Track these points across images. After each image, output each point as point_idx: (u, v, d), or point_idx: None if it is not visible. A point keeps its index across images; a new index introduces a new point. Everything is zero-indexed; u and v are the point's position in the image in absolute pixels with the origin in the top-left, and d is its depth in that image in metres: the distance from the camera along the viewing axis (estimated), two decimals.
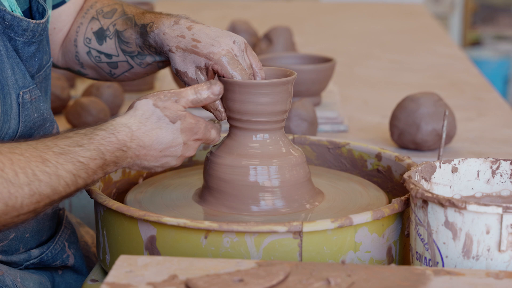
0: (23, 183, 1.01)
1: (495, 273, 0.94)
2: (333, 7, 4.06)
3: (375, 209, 1.11)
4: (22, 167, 1.01)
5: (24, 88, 1.16)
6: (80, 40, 1.35)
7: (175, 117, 1.14)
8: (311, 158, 1.45)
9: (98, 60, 1.35)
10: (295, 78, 1.23)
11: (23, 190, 1.01)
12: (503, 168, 1.15)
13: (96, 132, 1.09)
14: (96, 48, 1.34)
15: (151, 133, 1.12)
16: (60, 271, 1.33)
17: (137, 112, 1.13)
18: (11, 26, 1.14)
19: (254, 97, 1.20)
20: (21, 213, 1.02)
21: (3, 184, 0.99)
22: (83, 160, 1.06)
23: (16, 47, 1.16)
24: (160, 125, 1.13)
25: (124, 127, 1.11)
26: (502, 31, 5.70)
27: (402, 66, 2.63)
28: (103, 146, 1.08)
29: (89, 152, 1.07)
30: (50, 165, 1.03)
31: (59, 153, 1.05)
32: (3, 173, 0.99)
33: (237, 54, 1.22)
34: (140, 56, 1.31)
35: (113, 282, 0.91)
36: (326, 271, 0.94)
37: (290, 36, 2.24)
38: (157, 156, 1.14)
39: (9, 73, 1.14)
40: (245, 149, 1.22)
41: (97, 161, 1.08)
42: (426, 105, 1.65)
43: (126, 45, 1.31)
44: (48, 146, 1.05)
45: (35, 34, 1.18)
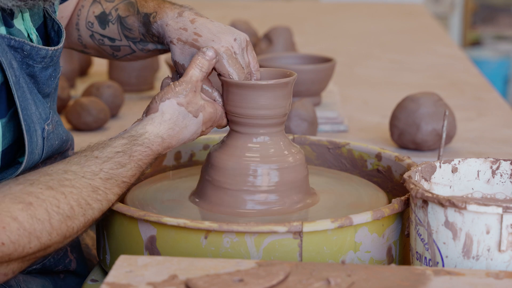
0: (79, 214, 1.03)
1: (495, 273, 0.94)
2: (333, 7, 4.06)
3: (375, 209, 1.11)
4: (75, 199, 1.03)
5: (47, 120, 1.17)
6: (82, 24, 1.36)
7: (197, 110, 1.17)
8: (311, 158, 1.45)
9: (101, 43, 1.35)
10: (295, 79, 1.23)
11: (79, 220, 1.03)
12: (503, 168, 1.15)
13: (134, 149, 1.12)
14: (99, 32, 1.34)
15: (178, 135, 1.16)
16: (62, 275, 1.33)
17: (164, 117, 1.15)
18: (30, 55, 1.13)
19: (254, 97, 1.20)
20: (74, 237, 1.05)
21: (61, 221, 1.00)
22: (126, 180, 1.11)
23: (34, 73, 1.15)
24: (186, 123, 1.17)
25: (157, 137, 1.15)
26: (502, 31, 5.70)
27: (402, 66, 2.63)
28: (141, 161, 1.13)
29: (131, 171, 1.11)
30: (101, 192, 1.07)
31: (106, 179, 1.08)
32: (60, 209, 1.01)
33: (237, 52, 1.22)
34: (142, 43, 1.31)
35: (113, 282, 0.91)
36: (326, 271, 0.94)
37: (290, 36, 2.24)
38: (177, 146, 1.19)
39: (33, 109, 1.13)
40: (246, 149, 1.22)
41: (137, 175, 1.13)
42: (426, 105, 1.65)
43: (129, 32, 1.31)
44: (94, 172, 1.07)
45: (53, 59, 1.18)
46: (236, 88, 1.20)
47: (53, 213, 0.99)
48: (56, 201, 1.00)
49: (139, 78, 2.16)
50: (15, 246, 0.96)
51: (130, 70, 2.14)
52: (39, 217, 0.98)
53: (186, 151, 1.47)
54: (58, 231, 1.00)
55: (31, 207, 0.98)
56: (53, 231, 1.00)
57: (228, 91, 1.21)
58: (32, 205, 0.98)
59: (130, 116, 1.97)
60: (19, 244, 0.96)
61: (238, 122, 1.23)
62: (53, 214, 0.99)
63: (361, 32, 3.32)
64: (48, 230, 0.99)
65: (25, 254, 0.98)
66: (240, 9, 3.76)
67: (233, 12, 3.52)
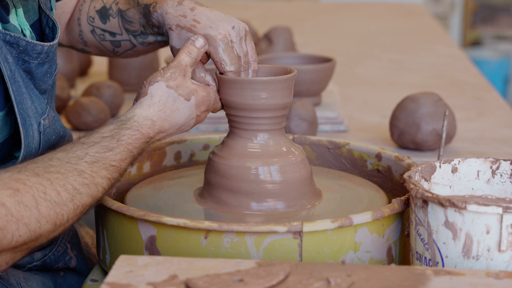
0: (67, 200, 1.02)
1: (495, 273, 0.94)
2: (333, 7, 4.06)
3: (375, 209, 1.11)
4: (62, 184, 1.02)
5: (43, 114, 1.17)
6: (83, 19, 1.36)
7: (188, 93, 1.17)
8: (311, 158, 1.45)
9: (102, 38, 1.35)
10: (295, 75, 1.23)
11: (67, 207, 1.02)
12: (503, 168, 1.15)
13: (122, 133, 1.11)
14: (99, 26, 1.35)
15: (169, 118, 1.15)
16: (62, 272, 1.33)
17: (153, 99, 1.15)
18: (25, 51, 1.14)
19: (253, 94, 1.20)
20: (66, 226, 1.04)
21: (49, 207, 1.00)
22: (115, 164, 1.09)
23: (30, 69, 1.16)
24: (177, 106, 1.16)
25: (147, 120, 1.13)
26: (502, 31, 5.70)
27: (402, 66, 2.63)
28: (131, 145, 1.11)
29: (119, 154, 1.09)
30: (87, 175, 1.05)
31: (92, 162, 1.06)
32: (46, 195, 1.00)
33: (234, 40, 1.22)
34: (142, 35, 1.32)
35: (113, 282, 0.91)
36: (326, 271, 0.94)
37: (290, 36, 2.24)
38: (173, 133, 1.18)
39: (29, 103, 1.14)
40: (247, 149, 1.22)
41: (127, 160, 1.11)
42: (426, 105, 1.65)
43: (130, 25, 1.31)
44: (80, 157, 1.06)
45: (49, 55, 1.18)
46: (237, 84, 1.20)
47: (40, 200, 0.99)
48: (42, 187, 1.00)
49: (139, 78, 2.16)
50: (3, 232, 0.95)
51: (130, 70, 2.14)
52: (26, 204, 0.97)
53: (186, 151, 1.47)
54: (47, 218, 0.99)
55: (18, 193, 0.97)
56: (42, 218, 0.99)
57: (229, 88, 1.20)
58: (19, 191, 0.97)
59: None
60: (7, 231, 0.95)
61: (237, 122, 1.23)
62: (40, 200, 0.99)
63: (361, 32, 3.32)
64: (36, 217, 0.98)
65: (15, 243, 0.97)
66: (240, 9, 3.76)
67: (233, 12, 3.51)
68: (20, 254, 1.01)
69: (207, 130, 1.82)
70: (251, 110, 1.21)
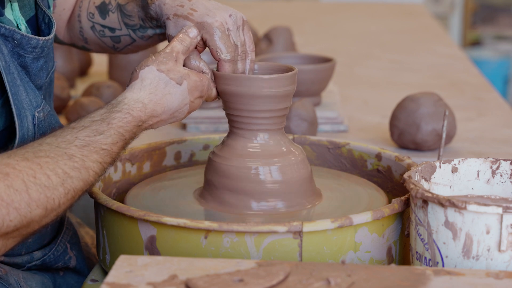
0: (57, 184, 1.01)
1: (495, 273, 0.94)
2: (333, 7, 4.06)
3: (375, 209, 1.11)
4: (52, 168, 1.01)
5: (37, 107, 1.17)
6: (83, 15, 1.37)
7: (180, 77, 1.16)
8: (311, 158, 1.45)
9: (102, 35, 1.36)
10: (296, 73, 1.23)
11: (58, 191, 1.01)
12: (503, 168, 1.15)
13: (113, 116, 1.10)
14: (99, 22, 1.35)
15: (161, 101, 1.14)
16: (62, 272, 1.33)
17: (144, 83, 1.14)
18: (20, 45, 1.15)
19: (254, 91, 1.19)
20: (59, 212, 1.03)
21: (39, 191, 0.99)
22: (106, 147, 1.08)
23: (25, 63, 1.16)
24: (168, 90, 1.14)
25: (137, 103, 1.12)
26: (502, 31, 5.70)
27: (402, 66, 2.63)
28: (122, 128, 1.10)
29: (110, 138, 1.08)
30: (77, 160, 1.04)
31: (82, 146, 1.05)
32: (36, 179, 0.99)
33: (230, 28, 1.22)
34: (142, 29, 1.32)
35: (113, 282, 0.91)
36: (326, 271, 0.94)
37: (290, 36, 2.24)
38: (166, 119, 1.16)
39: (23, 95, 1.14)
40: (247, 149, 1.22)
41: (119, 143, 1.09)
42: (426, 105, 1.65)
43: (129, 19, 1.32)
44: (69, 141, 1.05)
45: (44, 49, 1.19)
46: (237, 81, 1.19)
47: (30, 184, 0.98)
48: (32, 171, 0.99)
49: None
50: None
51: (130, 70, 2.14)
52: (16, 188, 0.97)
53: (186, 151, 1.47)
54: (38, 202, 0.99)
55: (8, 178, 0.97)
56: (32, 202, 0.98)
57: (230, 85, 1.20)
58: (8, 175, 0.97)
59: None
60: None
61: (237, 122, 1.23)
62: (30, 184, 0.98)
63: (361, 32, 3.32)
64: (27, 201, 0.97)
65: (6, 229, 0.96)
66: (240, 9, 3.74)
67: None
68: (12, 241, 1.00)
69: (207, 130, 1.82)
70: (251, 109, 1.21)
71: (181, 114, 1.18)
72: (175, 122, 1.19)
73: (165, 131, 1.84)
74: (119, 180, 1.37)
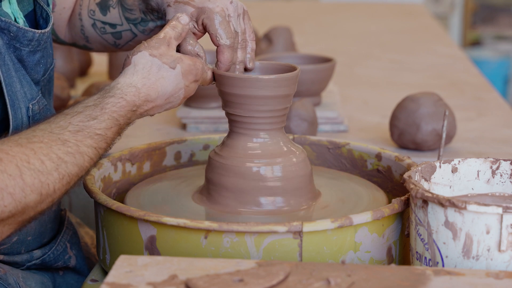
0: (51, 169, 1.00)
1: (495, 273, 0.94)
2: (333, 7, 4.06)
3: (375, 209, 1.11)
4: (45, 153, 1.00)
5: (32, 100, 1.17)
6: (84, 13, 1.37)
7: (173, 61, 1.15)
8: (311, 158, 1.45)
9: (103, 32, 1.36)
10: (298, 74, 1.22)
11: (52, 176, 1.00)
12: (503, 168, 1.15)
13: (106, 101, 1.09)
14: (100, 19, 1.35)
15: (155, 85, 1.13)
16: (61, 272, 1.33)
17: (137, 67, 1.13)
18: (16, 37, 1.15)
19: (255, 92, 1.19)
20: (54, 198, 1.02)
21: (33, 176, 0.98)
22: (100, 132, 1.07)
23: (21, 56, 1.17)
24: (162, 74, 1.14)
25: (130, 87, 1.12)
26: (502, 31, 5.70)
27: (402, 66, 2.63)
28: (116, 113, 1.09)
29: (104, 122, 1.08)
30: (71, 144, 1.03)
31: (76, 131, 1.05)
32: (30, 164, 0.98)
33: (231, 15, 1.22)
34: (143, 23, 1.32)
35: (113, 282, 0.91)
36: (326, 271, 0.94)
37: (290, 36, 2.24)
38: (162, 105, 1.15)
39: (18, 87, 1.14)
40: (247, 149, 1.22)
41: (113, 128, 1.09)
42: (426, 105, 1.65)
43: (130, 13, 1.32)
44: (63, 127, 1.05)
45: (40, 43, 1.19)
46: (238, 81, 1.19)
47: (24, 169, 0.98)
48: (25, 156, 0.99)
49: None
50: None
51: None
52: (10, 173, 0.96)
53: (186, 151, 1.47)
54: (32, 187, 0.98)
55: (2, 163, 0.96)
56: (26, 187, 0.97)
57: (230, 85, 1.20)
58: (2, 161, 0.96)
59: None
60: None
61: (237, 121, 1.23)
62: (24, 169, 0.98)
63: (361, 32, 3.32)
64: (21, 186, 0.97)
65: (0, 214, 0.96)
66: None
67: None
68: (8, 228, 0.99)
69: (207, 130, 1.82)
70: (252, 108, 1.21)
71: (176, 100, 1.17)
72: (171, 108, 1.18)
73: (165, 131, 1.84)
74: (119, 180, 1.37)
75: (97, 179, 1.27)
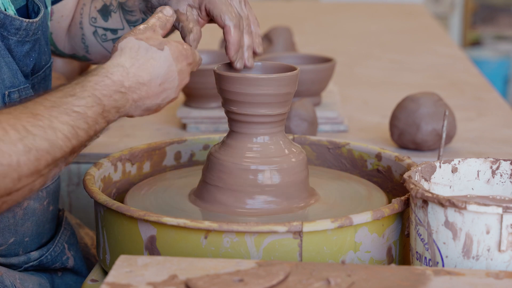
0: (15, 139, 0.93)
1: (495, 273, 0.94)
2: (333, 7, 4.06)
3: (375, 209, 1.11)
4: (11, 124, 0.93)
5: (12, 87, 1.15)
6: (85, 22, 1.36)
7: (160, 43, 1.10)
8: (311, 158, 1.45)
9: (104, 39, 1.36)
10: (298, 74, 1.22)
11: (16, 147, 0.93)
12: (503, 168, 1.15)
13: (88, 79, 1.03)
14: (102, 26, 1.35)
15: (145, 66, 1.08)
16: (60, 272, 1.33)
17: (124, 51, 1.08)
18: (3, 25, 1.14)
19: (255, 91, 1.19)
20: (22, 175, 0.94)
21: None
22: (79, 110, 1.00)
23: (9, 46, 1.16)
24: (151, 55, 1.08)
25: (117, 67, 1.06)
26: (502, 31, 5.70)
27: (402, 66, 2.63)
28: (98, 91, 1.02)
29: (84, 100, 1.01)
30: (43, 118, 0.96)
31: (51, 107, 0.98)
32: None
33: (233, 0, 1.22)
34: None
35: (113, 282, 0.91)
36: (326, 271, 0.94)
37: (290, 36, 2.24)
38: (157, 92, 1.09)
39: None
40: (246, 149, 1.22)
41: (95, 108, 1.01)
42: (426, 105, 1.65)
43: (131, 14, 1.32)
44: (38, 102, 0.98)
45: (28, 33, 1.18)
46: (238, 81, 1.19)
47: None
48: None
49: None
50: None
51: None
52: None
53: (186, 151, 1.47)
54: None
55: None
56: None
57: (230, 84, 1.20)
58: None
59: None
60: None
61: (237, 121, 1.23)
62: None
63: (361, 32, 3.32)
64: None
65: None
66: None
67: None
68: None
69: (207, 130, 1.82)
70: (252, 108, 1.21)
71: (172, 86, 1.10)
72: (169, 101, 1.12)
73: (165, 131, 1.85)
74: (119, 180, 1.37)
75: (97, 179, 1.27)
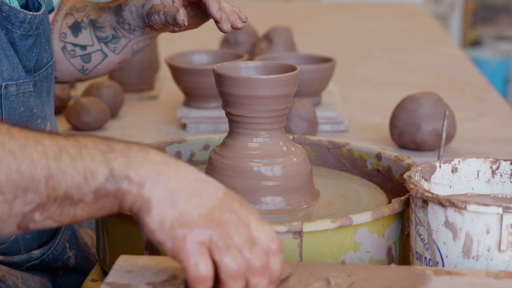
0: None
1: (495, 273, 0.94)
2: (333, 7, 4.06)
3: (375, 209, 1.11)
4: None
5: (10, 80, 1.16)
6: (55, 38, 1.37)
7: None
8: (311, 158, 1.45)
9: (72, 55, 1.36)
10: (297, 74, 1.22)
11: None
12: (503, 168, 1.15)
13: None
14: (71, 41, 1.35)
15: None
16: (61, 272, 1.33)
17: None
18: (8, 18, 1.15)
19: (255, 92, 1.19)
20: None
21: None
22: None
23: (13, 39, 1.17)
24: None
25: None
26: (502, 31, 5.70)
27: (402, 66, 2.63)
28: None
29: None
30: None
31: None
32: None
33: None
34: (114, 40, 1.33)
35: (113, 282, 0.91)
36: (326, 271, 0.94)
37: (290, 36, 2.24)
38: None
39: None
40: (247, 149, 1.22)
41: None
42: (426, 105, 1.65)
43: (101, 31, 1.32)
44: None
45: (32, 26, 1.19)
46: (237, 81, 1.19)
47: None
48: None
49: (139, 78, 2.16)
50: None
51: (130, 70, 2.14)
52: None
53: (186, 151, 1.47)
54: None
55: None
56: None
57: (230, 85, 1.20)
58: None
59: (130, 116, 1.97)
60: None
61: (237, 121, 1.23)
62: None
63: (361, 32, 3.32)
64: None
65: None
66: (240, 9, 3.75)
67: None
68: None
69: (207, 130, 1.82)
70: (252, 108, 1.20)
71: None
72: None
73: (165, 131, 1.84)
74: None
75: None
